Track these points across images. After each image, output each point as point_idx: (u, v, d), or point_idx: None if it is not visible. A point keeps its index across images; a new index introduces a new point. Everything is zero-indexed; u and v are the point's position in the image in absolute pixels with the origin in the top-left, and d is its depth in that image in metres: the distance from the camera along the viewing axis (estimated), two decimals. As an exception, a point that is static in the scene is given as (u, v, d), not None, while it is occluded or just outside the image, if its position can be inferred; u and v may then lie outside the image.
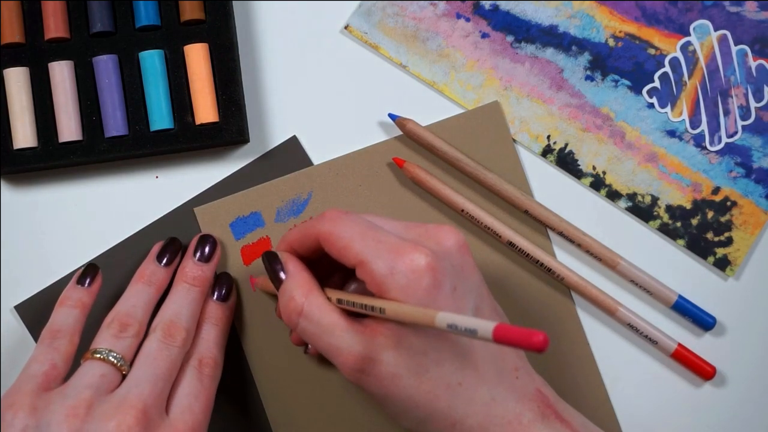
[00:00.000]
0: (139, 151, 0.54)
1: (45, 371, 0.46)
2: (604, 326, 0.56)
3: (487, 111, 0.56)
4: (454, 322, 0.37)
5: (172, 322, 0.48)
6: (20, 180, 0.56)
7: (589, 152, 0.56)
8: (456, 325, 0.37)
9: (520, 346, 0.34)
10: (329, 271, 0.49)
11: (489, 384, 0.44)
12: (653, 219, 0.56)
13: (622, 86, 0.57)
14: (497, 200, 0.56)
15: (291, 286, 0.46)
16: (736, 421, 0.55)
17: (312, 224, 0.46)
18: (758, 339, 0.56)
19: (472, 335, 0.36)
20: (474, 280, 0.45)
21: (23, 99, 0.53)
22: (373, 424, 0.54)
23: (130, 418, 0.43)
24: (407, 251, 0.43)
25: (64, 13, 0.54)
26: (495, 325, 0.35)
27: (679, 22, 0.57)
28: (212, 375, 0.49)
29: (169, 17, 0.55)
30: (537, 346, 0.34)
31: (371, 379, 0.44)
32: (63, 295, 0.50)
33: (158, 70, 0.54)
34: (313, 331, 0.45)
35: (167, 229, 0.55)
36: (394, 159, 0.55)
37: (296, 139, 0.56)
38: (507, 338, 0.35)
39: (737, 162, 0.56)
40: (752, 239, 0.56)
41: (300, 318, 0.45)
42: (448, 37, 0.57)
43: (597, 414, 0.54)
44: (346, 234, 0.44)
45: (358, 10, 0.57)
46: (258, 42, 0.57)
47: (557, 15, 0.57)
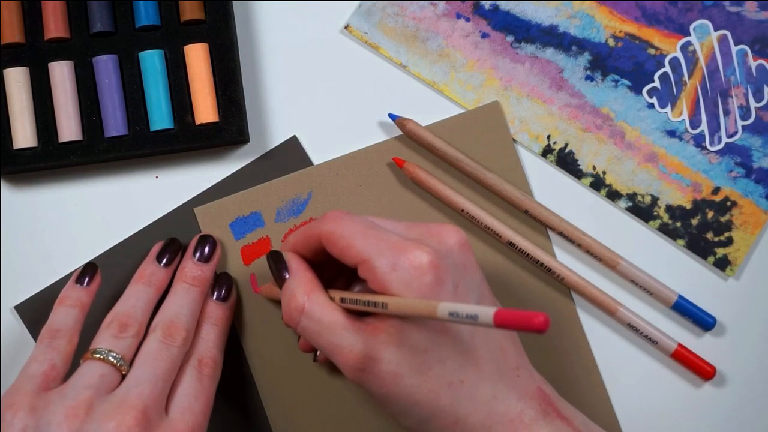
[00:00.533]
0: (139, 151, 0.54)
1: (44, 371, 0.46)
2: (604, 326, 0.56)
3: (487, 111, 0.56)
4: (456, 310, 0.38)
5: (172, 322, 0.48)
6: (20, 180, 0.56)
7: (589, 152, 0.56)
8: (457, 313, 0.37)
9: (522, 328, 0.34)
10: (334, 274, 0.49)
11: (491, 382, 0.44)
12: (653, 219, 0.56)
13: (622, 86, 0.57)
14: (497, 200, 0.56)
15: (293, 284, 0.46)
16: (736, 421, 0.55)
17: (314, 225, 0.46)
18: (758, 339, 0.56)
19: (474, 321, 0.37)
20: (475, 278, 0.45)
21: (23, 99, 0.53)
22: (373, 424, 0.54)
23: (129, 418, 0.43)
24: (409, 249, 0.43)
25: (64, 13, 0.54)
26: (495, 310, 0.35)
27: (679, 22, 0.57)
28: (212, 375, 0.49)
29: (169, 17, 0.55)
30: (538, 326, 0.34)
31: (372, 378, 0.44)
32: (62, 295, 0.50)
33: (158, 70, 0.54)
34: (314, 329, 0.45)
35: (167, 229, 0.55)
36: (394, 159, 0.55)
37: (296, 139, 0.56)
38: (508, 321, 0.35)
39: (737, 162, 0.56)
40: (752, 239, 0.56)
41: (301, 316, 0.45)
42: (448, 37, 0.57)
43: (597, 414, 0.54)
44: (348, 233, 0.44)
45: (358, 10, 0.57)
46: (258, 42, 0.57)
47: (557, 15, 0.57)
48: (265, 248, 0.55)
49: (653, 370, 0.55)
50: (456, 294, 0.43)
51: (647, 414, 0.55)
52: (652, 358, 0.55)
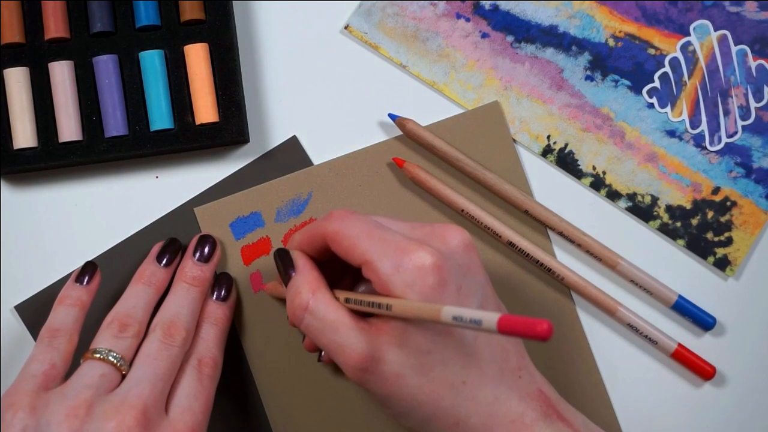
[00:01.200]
0: (139, 151, 0.54)
1: (44, 371, 0.46)
2: (604, 326, 0.56)
3: (487, 111, 0.56)
4: (460, 314, 0.38)
5: (172, 322, 0.48)
6: (20, 180, 0.56)
7: (589, 152, 0.56)
8: (461, 317, 0.37)
9: (525, 335, 0.34)
10: (339, 274, 0.49)
11: (492, 383, 0.44)
12: (653, 219, 0.56)
13: (622, 86, 0.57)
14: (497, 200, 0.56)
15: (299, 281, 0.46)
16: (736, 421, 0.55)
17: (319, 224, 0.46)
18: (758, 339, 0.56)
19: (477, 326, 0.36)
20: (479, 279, 0.45)
21: (23, 99, 0.53)
22: (373, 424, 0.54)
23: (129, 418, 0.43)
24: (413, 250, 0.43)
25: (64, 13, 0.54)
26: (499, 316, 0.35)
27: (679, 22, 0.57)
28: (212, 375, 0.49)
29: (169, 17, 0.55)
30: (541, 334, 0.34)
31: (374, 379, 0.44)
32: (61, 294, 0.50)
33: (158, 70, 0.54)
34: (317, 327, 0.45)
35: (167, 229, 0.55)
36: (394, 159, 0.55)
37: (296, 139, 0.56)
38: (511, 328, 0.35)
39: (737, 162, 0.56)
40: (752, 239, 0.56)
41: (305, 314, 0.45)
42: (448, 37, 0.57)
43: (597, 414, 0.54)
44: (353, 233, 0.44)
45: (358, 10, 0.57)
46: (258, 42, 0.57)
47: (557, 15, 0.57)
48: (265, 248, 0.55)
49: (653, 370, 0.55)
50: (459, 295, 0.43)
51: (647, 414, 0.55)
52: (652, 358, 0.55)
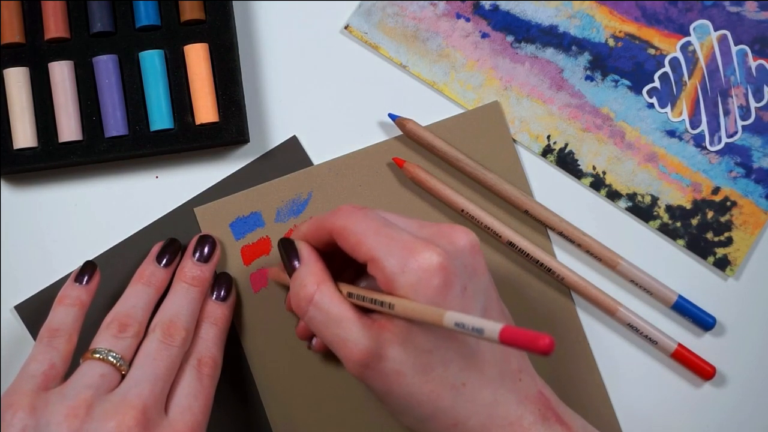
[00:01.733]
0: (139, 151, 0.54)
1: (44, 371, 0.46)
2: (604, 326, 0.55)
3: (487, 111, 0.56)
4: (462, 321, 0.38)
5: (172, 322, 0.48)
6: (20, 180, 0.56)
7: (589, 152, 0.56)
8: (463, 324, 0.37)
9: (526, 348, 0.34)
10: (342, 266, 0.49)
11: (492, 385, 0.44)
12: (653, 219, 0.56)
13: (622, 86, 0.57)
14: (497, 200, 0.56)
15: (304, 273, 0.46)
16: (736, 421, 0.55)
17: (326, 218, 0.46)
18: (758, 339, 0.56)
19: (479, 335, 0.37)
20: (484, 281, 0.45)
21: (23, 99, 0.53)
22: (373, 423, 0.54)
23: (129, 418, 0.43)
24: (420, 249, 0.43)
25: (64, 13, 0.54)
26: (502, 327, 0.35)
27: (679, 22, 0.57)
28: (211, 375, 0.49)
29: (169, 17, 0.55)
30: (543, 349, 0.34)
31: (375, 375, 0.44)
32: (61, 294, 0.50)
33: (158, 70, 0.54)
34: (321, 320, 0.45)
35: (167, 229, 0.55)
36: (394, 159, 0.55)
37: (296, 139, 0.56)
38: (513, 340, 0.35)
39: (737, 162, 0.56)
40: (752, 239, 0.55)
41: (310, 306, 0.45)
42: (448, 37, 0.57)
43: (597, 414, 0.54)
44: (360, 229, 0.44)
45: (358, 10, 0.57)
46: (258, 42, 0.57)
47: (557, 15, 0.57)
48: (265, 248, 0.55)
49: (653, 370, 0.55)
50: (464, 297, 0.43)
51: (647, 414, 0.55)
52: (652, 358, 0.55)
